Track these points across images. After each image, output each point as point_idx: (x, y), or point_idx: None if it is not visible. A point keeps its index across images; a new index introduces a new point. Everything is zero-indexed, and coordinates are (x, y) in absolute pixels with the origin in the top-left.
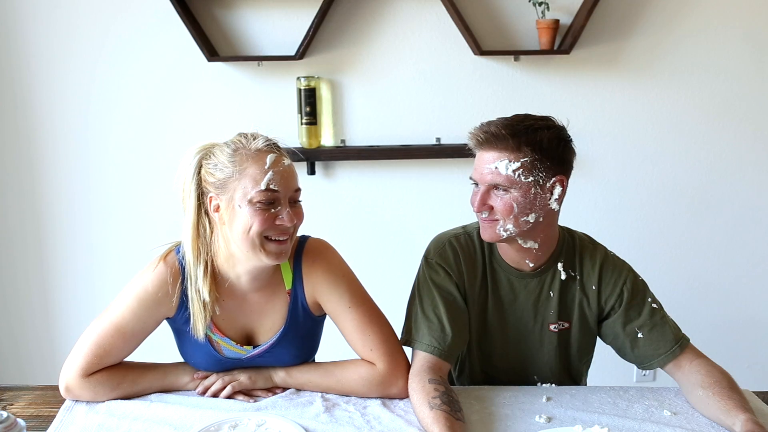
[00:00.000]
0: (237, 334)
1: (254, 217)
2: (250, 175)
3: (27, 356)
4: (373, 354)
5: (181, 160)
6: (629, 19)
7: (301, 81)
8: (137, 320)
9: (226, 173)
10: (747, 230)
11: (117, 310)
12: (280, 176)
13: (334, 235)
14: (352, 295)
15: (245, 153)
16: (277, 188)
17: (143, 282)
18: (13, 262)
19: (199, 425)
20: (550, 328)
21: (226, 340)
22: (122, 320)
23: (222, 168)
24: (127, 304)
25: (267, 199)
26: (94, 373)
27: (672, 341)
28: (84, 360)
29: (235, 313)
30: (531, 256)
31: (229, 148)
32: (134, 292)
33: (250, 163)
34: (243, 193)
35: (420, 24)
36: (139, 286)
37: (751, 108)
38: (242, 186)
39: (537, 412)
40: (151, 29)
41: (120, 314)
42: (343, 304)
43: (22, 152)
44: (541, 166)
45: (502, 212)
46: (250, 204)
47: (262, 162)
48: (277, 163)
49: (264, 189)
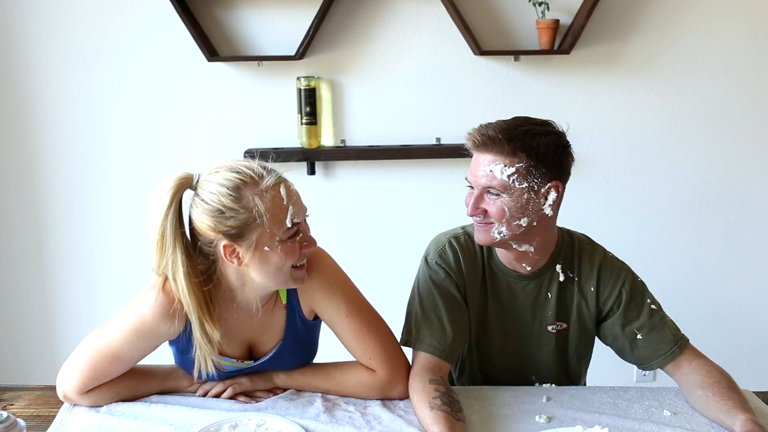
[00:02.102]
0: (237, 351)
1: (287, 254)
2: (272, 217)
3: (27, 356)
4: (373, 362)
5: (155, 201)
6: (629, 19)
7: (301, 81)
8: (135, 349)
9: (241, 220)
10: (747, 230)
11: (113, 337)
12: (297, 205)
13: (333, 235)
14: (348, 305)
15: (257, 194)
16: (300, 219)
17: (141, 313)
18: (13, 262)
19: (199, 425)
20: (548, 329)
21: (225, 359)
22: (119, 349)
23: (232, 216)
24: (123, 333)
25: (294, 233)
26: (92, 389)
27: (671, 342)
28: (80, 379)
29: (235, 332)
30: (527, 260)
31: (233, 192)
32: (132, 321)
33: (268, 204)
34: (269, 236)
35: (420, 24)
36: (136, 316)
37: (751, 108)
38: (267, 230)
39: (537, 412)
40: (151, 29)
41: (116, 342)
42: (340, 314)
43: (22, 152)
44: (536, 172)
45: (495, 216)
46: (281, 243)
47: (277, 197)
48: (290, 192)
49: (291, 226)
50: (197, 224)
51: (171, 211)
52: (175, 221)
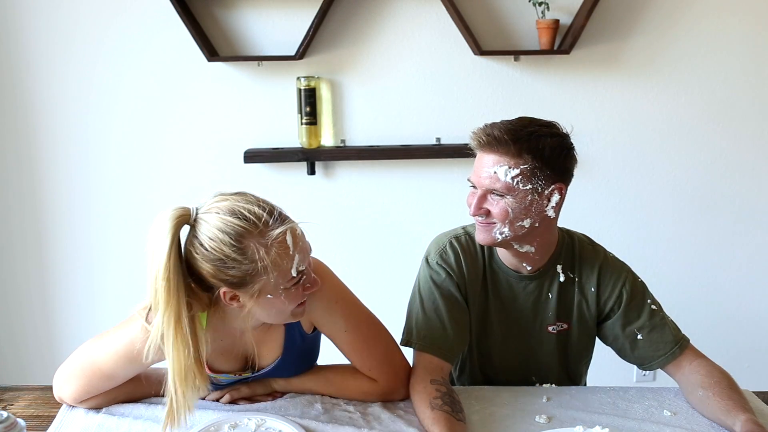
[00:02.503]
0: (233, 367)
1: (291, 300)
2: (277, 267)
3: (27, 356)
4: (373, 373)
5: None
6: (629, 19)
7: (301, 81)
8: (125, 371)
9: (244, 271)
10: (747, 230)
11: (105, 357)
12: (303, 252)
13: (333, 235)
14: (347, 319)
15: (262, 246)
16: (305, 266)
17: (131, 339)
18: (13, 262)
19: (199, 425)
20: (548, 329)
21: (223, 376)
22: (110, 370)
23: (234, 267)
24: (114, 357)
25: (299, 280)
26: (88, 399)
27: (671, 342)
28: (74, 390)
29: (231, 350)
30: (528, 260)
31: (236, 242)
32: (122, 346)
33: (273, 255)
34: (274, 286)
35: (420, 24)
36: (126, 341)
37: (751, 108)
38: (271, 279)
39: (537, 412)
40: (151, 29)
41: (107, 364)
42: (338, 329)
43: (22, 152)
44: (540, 174)
45: (498, 217)
46: (284, 291)
47: (283, 246)
48: (296, 239)
49: (296, 275)
50: (196, 268)
51: (173, 255)
52: (179, 265)
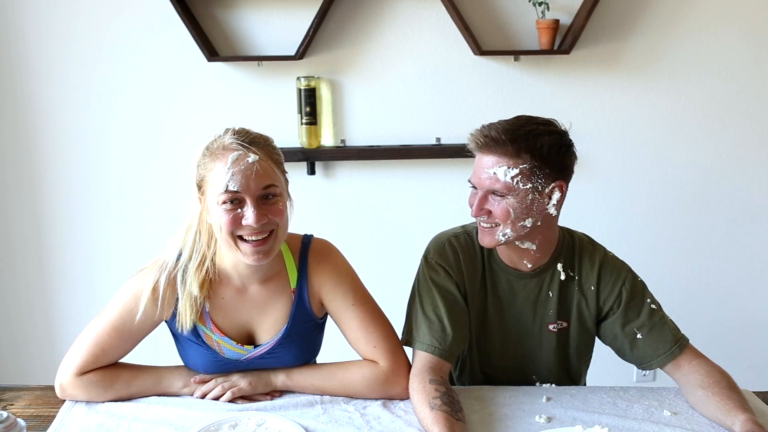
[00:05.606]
0: (237, 333)
1: (222, 217)
2: (216, 176)
3: (27, 356)
4: (377, 351)
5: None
6: (629, 19)
7: (301, 81)
8: (133, 320)
9: (200, 173)
10: (747, 230)
11: (113, 310)
12: (242, 175)
13: (334, 235)
14: (355, 294)
15: (214, 151)
16: (238, 189)
17: (139, 283)
18: (13, 262)
19: (199, 425)
20: (548, 327)
21: (226, 340)
22: (119, 319)
23: (197, 167)
24: (123, 304)
25: (231, 200)
26: (88, 372)
27: (671, 342)
28: (80, 358)
29: (235, 309)
30: (529, 257)
31: (204, 149)
32: (130, 292)
33: (217, 162)
34: (212, 194)
35: (420, 24)
36: (135, 287)
37: (751, 108)
38: (211, 186)
39: (537, 412)
40: (151, 29)
41: (116, 314)
42: (347, 302)
43: (22, 152)
44: (540, 172)
45: (500, 217)
46: (218, 205)
47: (224, 161)
48: (238, 161)
49: (224, 191)
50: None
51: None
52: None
